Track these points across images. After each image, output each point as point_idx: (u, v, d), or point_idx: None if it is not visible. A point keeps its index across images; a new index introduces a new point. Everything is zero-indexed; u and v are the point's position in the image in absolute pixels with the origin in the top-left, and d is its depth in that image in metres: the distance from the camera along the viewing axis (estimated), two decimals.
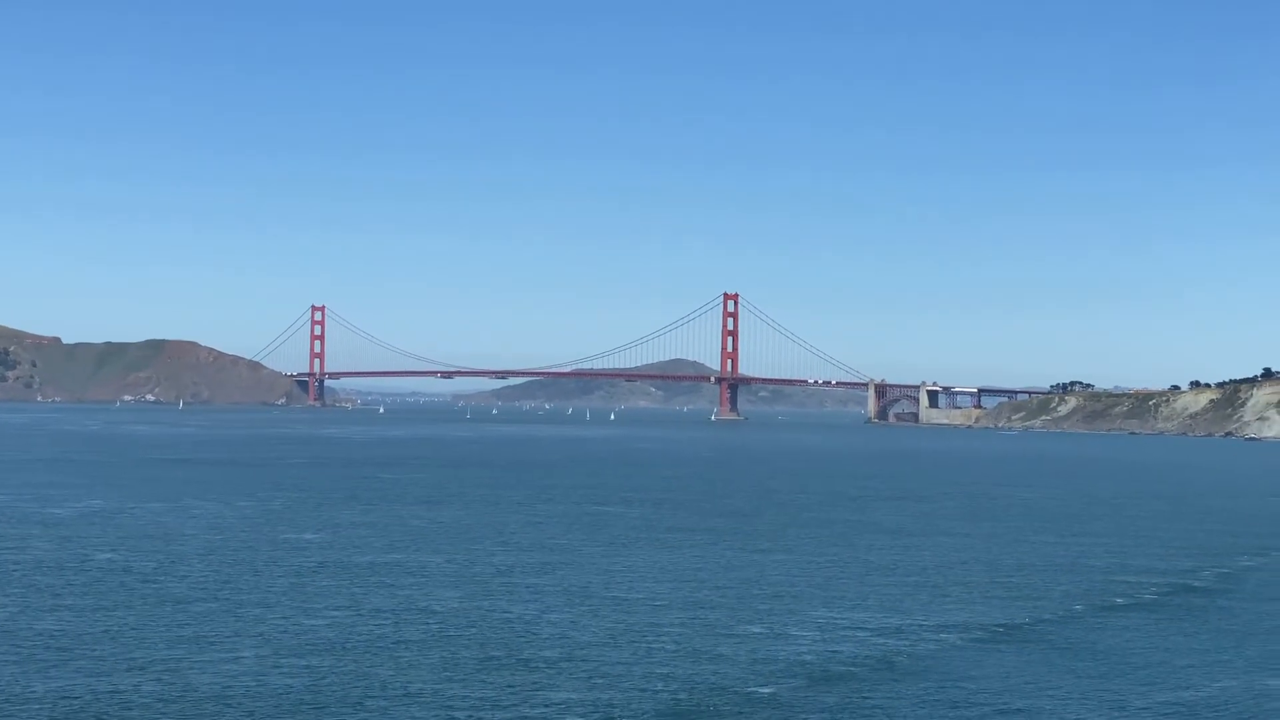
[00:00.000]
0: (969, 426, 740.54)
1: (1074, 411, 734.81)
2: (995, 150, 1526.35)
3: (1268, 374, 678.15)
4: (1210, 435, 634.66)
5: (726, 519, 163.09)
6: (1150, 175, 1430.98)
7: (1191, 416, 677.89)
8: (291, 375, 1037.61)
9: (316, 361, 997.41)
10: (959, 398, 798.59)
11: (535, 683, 71.17)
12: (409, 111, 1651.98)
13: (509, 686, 70.10)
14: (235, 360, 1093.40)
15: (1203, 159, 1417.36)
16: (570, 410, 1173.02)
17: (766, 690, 70.54)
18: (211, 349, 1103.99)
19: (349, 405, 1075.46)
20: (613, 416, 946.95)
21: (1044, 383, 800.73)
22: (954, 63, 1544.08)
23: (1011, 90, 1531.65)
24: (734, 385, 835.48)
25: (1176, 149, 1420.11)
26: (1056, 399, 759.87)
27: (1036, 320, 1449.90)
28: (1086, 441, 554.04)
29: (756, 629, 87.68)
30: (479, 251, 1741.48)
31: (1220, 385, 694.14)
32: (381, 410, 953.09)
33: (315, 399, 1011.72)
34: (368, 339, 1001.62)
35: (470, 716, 64.20)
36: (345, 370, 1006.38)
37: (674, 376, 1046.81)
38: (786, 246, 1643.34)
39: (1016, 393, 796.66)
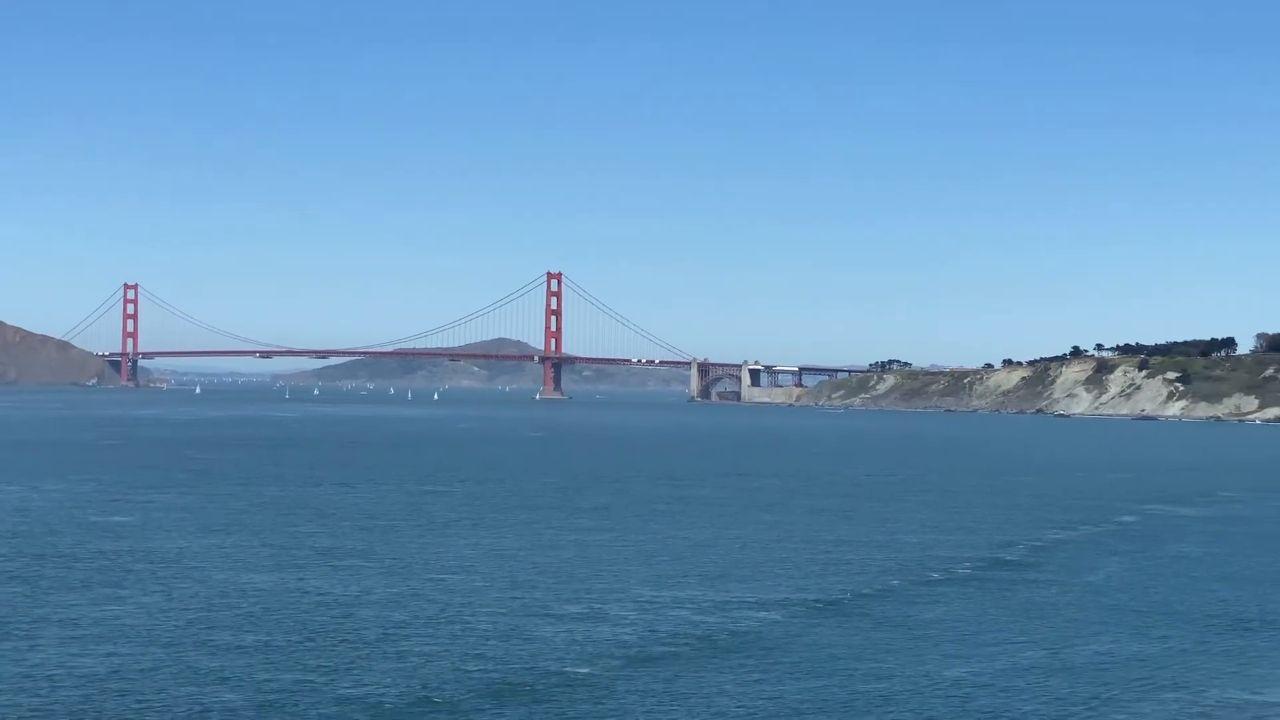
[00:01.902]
0: (790, 405, 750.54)
1: (892, 390, 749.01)
2: (812, 132, 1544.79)
3: (1076, 352, 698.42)
4: (1022, 412, 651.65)
5: (549, 498, 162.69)
6: (962, 159, 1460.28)
7: (1004, 394, 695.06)
8: (104, 355, 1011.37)
9: (129, 341, 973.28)
10: (780, 376, 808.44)
11: (351, 664, 70.04)
12: (226, 80, 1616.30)
13: (324, 668, 68.88)
14: (44, 339, 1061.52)
15: (1013, 145, 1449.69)
16: (393, 390, 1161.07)
17: (584, 670, 70.25)
18: (18, 328, 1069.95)
19: (163, 385, 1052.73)
20: (436, 396, 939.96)
21: (863, 361, 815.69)
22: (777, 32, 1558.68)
23: (840, 84, 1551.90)
24: (558, 365, 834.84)
25: (983, 126, 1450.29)
26: (875, 377, 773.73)
27: (856, 300, 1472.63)
28: (904, 419, 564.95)
29: (576, 608, 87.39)
30: (299, 228, 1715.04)
31: (1032, 364, 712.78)
32: (197, 390, 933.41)
33: (128, 379, 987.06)
34: (183, 318, 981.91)
35: (284, 699, 62.90)
36: (159, 350, 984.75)
37: (498, 356, 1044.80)
38: (610, 226, 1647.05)
39: (836, 371, 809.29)
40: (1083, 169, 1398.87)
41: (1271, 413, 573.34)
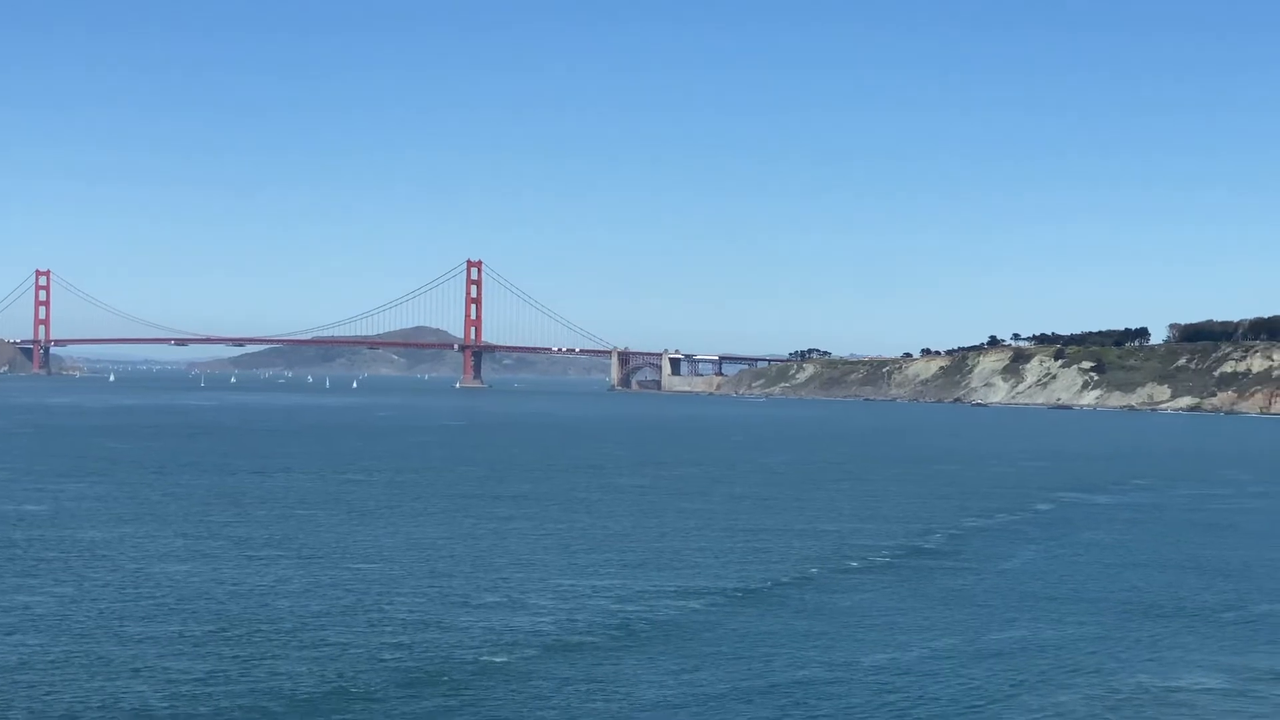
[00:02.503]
0: (711, 394, 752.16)
1: (812, 378, 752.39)
2: (731, 118, 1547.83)
3: (993, 342, 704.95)
4: (940, 401, 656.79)
5: (468, 487, 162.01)
6: (873, 155, 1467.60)
7: (923, 383, 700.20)
8: (15, 343, 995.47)
9: (41, 328, 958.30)
10: (701, 365, 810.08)
11: (266, 654, 69.32)
12: (143, 65, 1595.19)
13: (239, 658, 68.12)
14: None
15: (932, 132, 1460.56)
16: (311, 378, 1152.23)
17: (501, 659, 69.93)
18: None
19: (76, 373, 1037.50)
20: (355, 384, 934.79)
21: (783, 350, 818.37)
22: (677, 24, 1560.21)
23: (759, 68, 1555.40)
24: (478, 353, 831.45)
25: (901, 112, 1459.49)
26: (795, 366, 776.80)
27: (776, 289, 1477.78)
28: (823, 408, 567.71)
29: (494, 598, 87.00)
30: (216, 215, 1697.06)
31: (950, 353, 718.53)
32: (111, 378, 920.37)
33: (40, 367, 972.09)
34: (97, 305, 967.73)
35: (198, 689, 62.11)
36: (73, 337, 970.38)
37: (417, 344, 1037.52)
38: (530, 214, 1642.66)
39: (757, 360, 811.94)
40: (999, 158, 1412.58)
41: (1183, 402, 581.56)
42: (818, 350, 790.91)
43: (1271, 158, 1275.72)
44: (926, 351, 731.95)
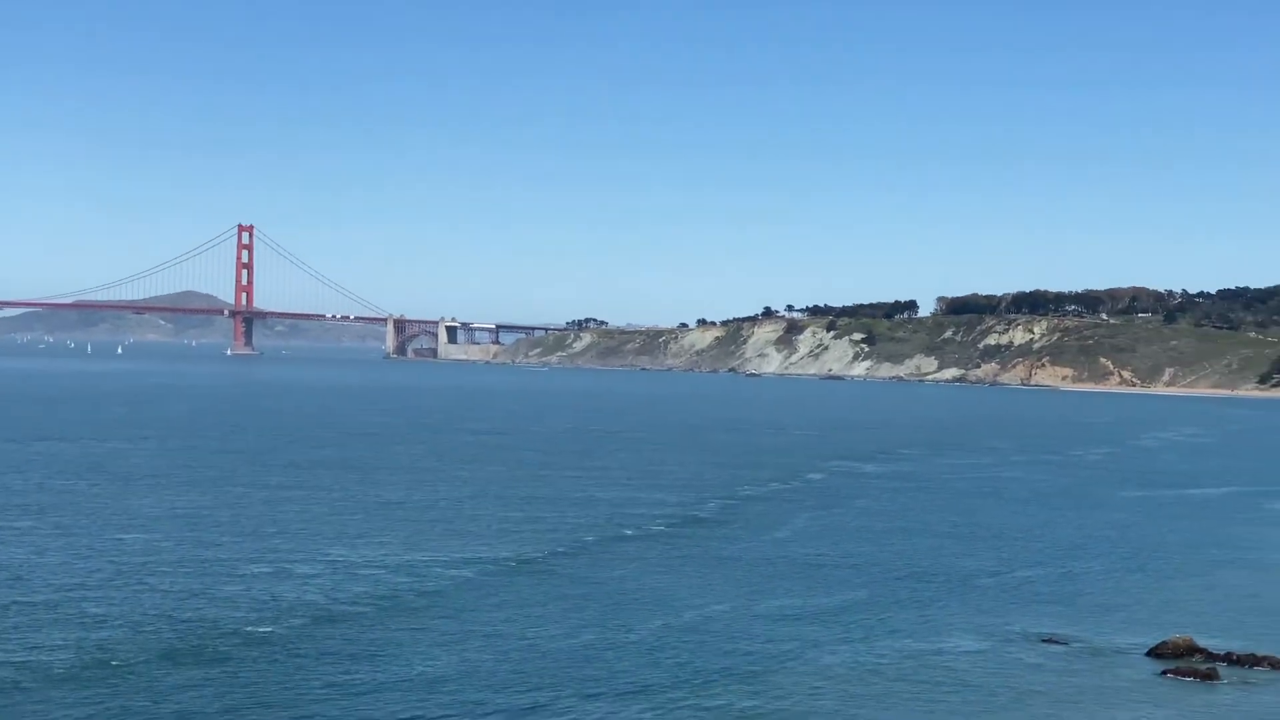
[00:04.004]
0: (488, 362, 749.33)
1: (589, 348, 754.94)
2: (511, 90, 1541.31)
3: (768, 313, 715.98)
4: (715, 371, 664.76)
5: (239, 456, 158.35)
6: (646, 122, 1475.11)
7: (699, 353, 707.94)
8: None
9: None
10: (478, 334, 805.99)
11: (20, 627, 66.58)
12: None
13: None
14: None
15: (700, 107, 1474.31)
16: (72, 344, 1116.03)
17: (266, 629, 68.40)
18: None
19: None
20: (120, 350, 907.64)
21: (560, 319, 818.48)
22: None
23: (543, 45, 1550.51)
24: (249, 319, 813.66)
25: (674, 87, 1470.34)
26: (572, 335, 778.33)
27: (553, 258, 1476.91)
28: (601, 376, 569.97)
29: (261, 567, 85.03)
30: None
31: (725, 324, 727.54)
32: None
33: None
34: None
35: None
36: None
37: (185, 310, 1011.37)
38: (304, 180, 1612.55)
39: (534, 329, 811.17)
40: (779, 128, 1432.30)
41: (949, 373, 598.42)
42: (595, 320, 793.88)
43: (1036, 135, 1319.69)
44: (702, 322, 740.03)
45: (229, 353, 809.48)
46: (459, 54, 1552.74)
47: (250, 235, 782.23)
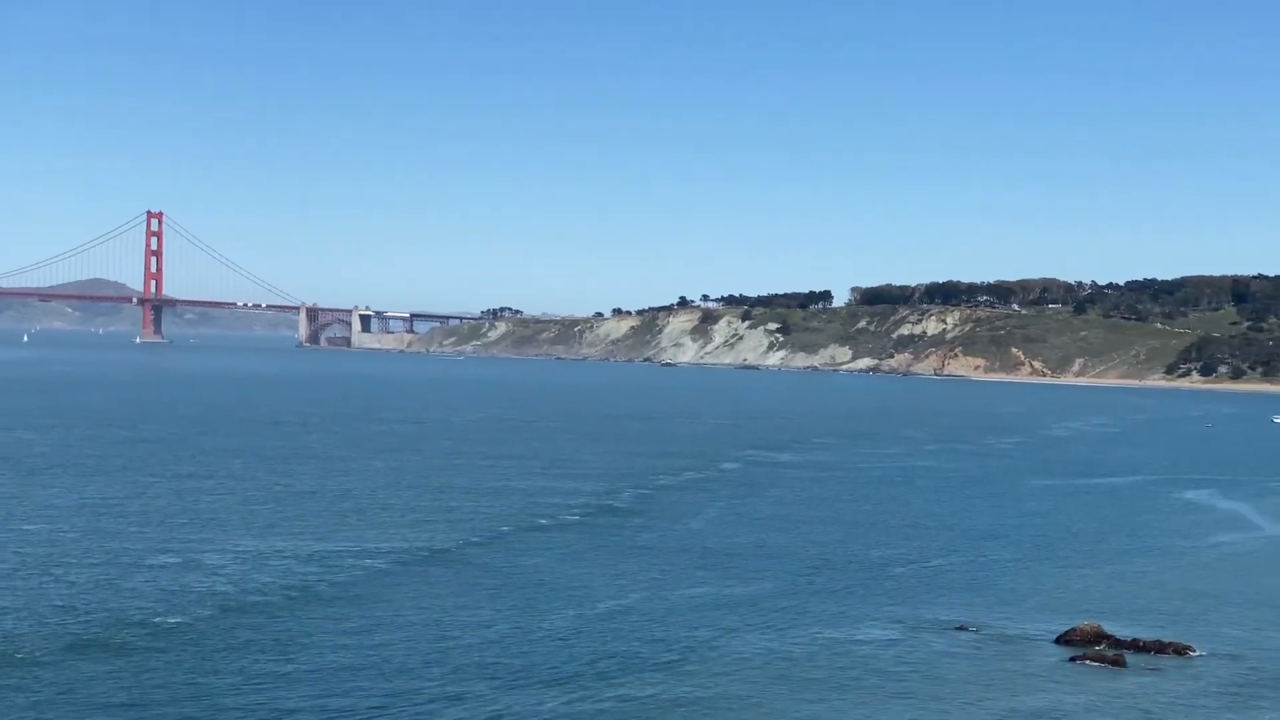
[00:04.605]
0: (402, 351, 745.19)
1: (504, 337, 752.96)
2: (424, 77, 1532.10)
3: (683, 303, 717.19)
4: (631, 360, 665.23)
5: (148, 445, 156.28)
6: (555, 108, 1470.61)
7: (614, 342, 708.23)
8: None
9: None
10: (392, 323, 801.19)
11: None
12: None
13: None
14: None
15: (610, 94, 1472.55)
16: None
17: (176, 620, 67.51)
18: None
19: None
20: (25, 338, 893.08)
21: (475, 308, 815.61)
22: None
23: (448, 39, 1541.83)
24: (158, 307, 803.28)
25: (573, 86, 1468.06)
26: (487, 325, 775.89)
27: (468, 247, 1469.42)
28: (516, 366, 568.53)
29: (171, 559, 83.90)
30: None
31: (640, 313, 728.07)
32: None
33: None
34: None
35: None
36: None
37: (93, 297, 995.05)
38: (215, 167, 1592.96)
39: (449, 318, 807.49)
40: (683, 120, 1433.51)
41: (863, 363, 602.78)
42: (510, 309, 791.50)
43: (949, 127, 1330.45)
44: (618, 311, 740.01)
45: (138, 341, 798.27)
46: (370, 41, 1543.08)
47: (160, 222, 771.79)
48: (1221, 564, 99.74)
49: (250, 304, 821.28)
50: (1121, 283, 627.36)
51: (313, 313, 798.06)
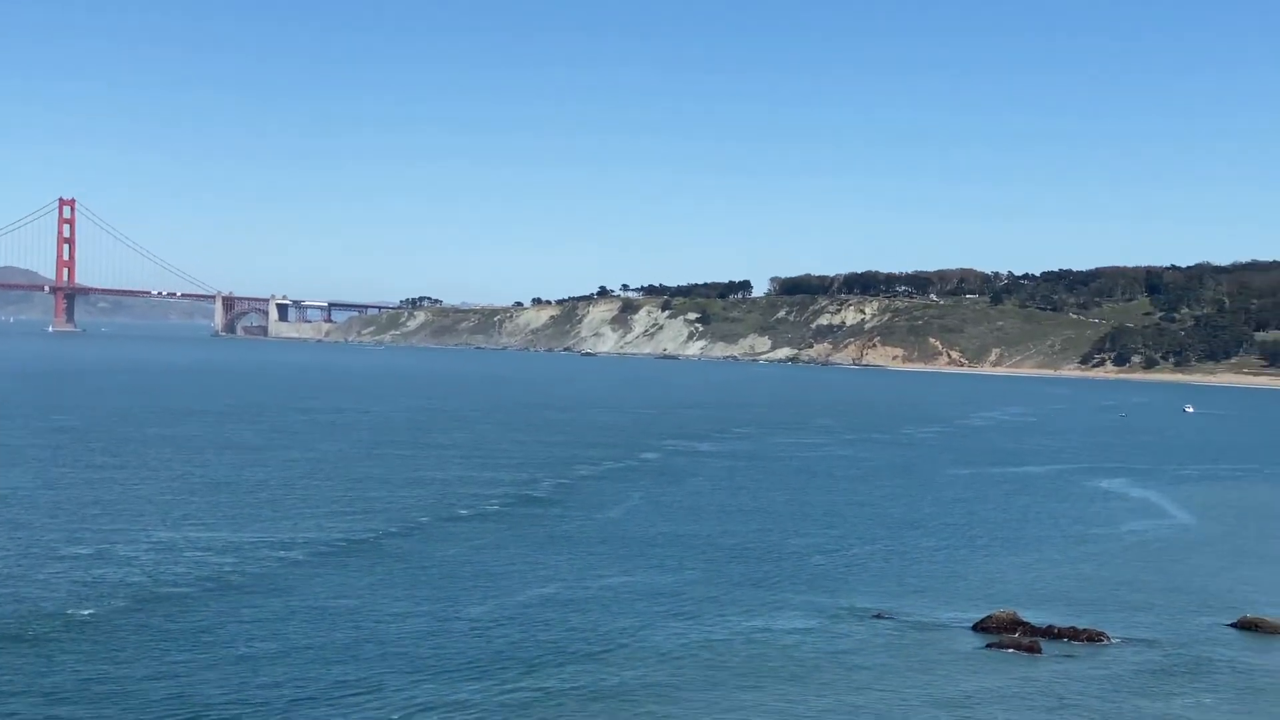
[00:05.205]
0: (320, 340, 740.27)
1: (423, 326, 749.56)
2: (343, 67, 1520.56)
3: (603, 292, 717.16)
4: (551, 350, 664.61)
5: (60, 435, 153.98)
6: (486, 100, 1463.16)
7: (534, 332, 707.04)
8: None
9: None
10: (309, 312, 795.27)
11: None
12: None
13: None
14: None
15: (530, 86, 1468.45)
16: None
17: (88, 612, 66.51)
18: None
19: None
20: None
21: (394, 298, 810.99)
22: None
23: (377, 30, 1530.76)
24: (71, 295, 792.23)
25: (496, 76, 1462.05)
26: (406, 314, 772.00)
27: (387, 235, 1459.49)
28: (436, 355, 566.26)
29: (84, 550, 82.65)
30: None
31: (560, 303, 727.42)
32: None
33: None
34: None
35: None
36: None
37: (3, 285, 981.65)
38: (129, 153, 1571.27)
39: (367, 308, 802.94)
40: (605, 109, 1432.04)
41: (783, 353, 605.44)
42: (429, 299, 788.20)
43: (865, 119, 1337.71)
44: (538, 301, 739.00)
45: (50, 330, 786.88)
46: (289, 28, 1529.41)
47: (72, 209, 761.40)
48: (1135, 552, 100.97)
49: (165, 292, 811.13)
50: (1037, 273, 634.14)
51: (229, 301, 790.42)
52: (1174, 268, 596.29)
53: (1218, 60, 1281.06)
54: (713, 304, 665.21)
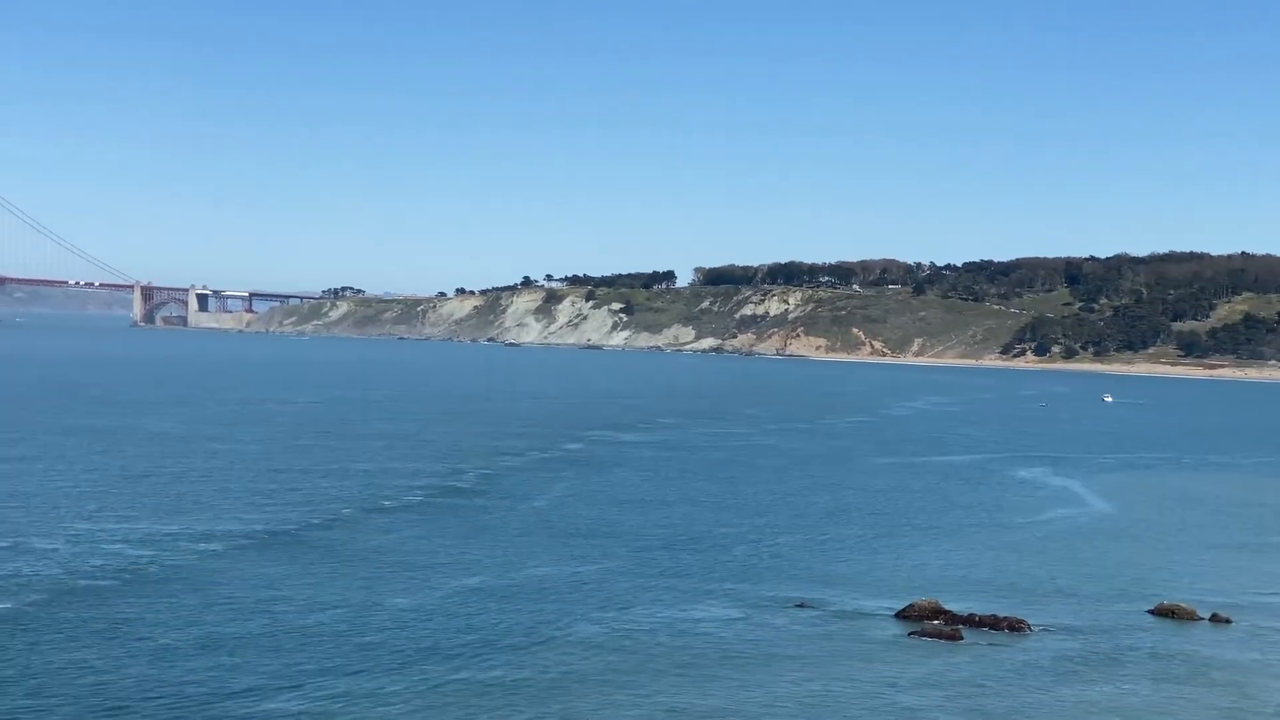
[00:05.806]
0: (241, 331, 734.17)
1: (345, 316, 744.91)
2: (272, 55, 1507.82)
3: (527, 283, 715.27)
4: (475, 340, 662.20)
5: None
6: (410, 93, 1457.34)
7: (458, 322, 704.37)
8: None
9: None
10: (230, 302, 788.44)
11: None
12: None
13: None
14: None
15: (458, 79, 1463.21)
16: None
17: (3, 606, 65.44)
18: None
19: None
20: None
21: (316, 288, 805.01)
22: None
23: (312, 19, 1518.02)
24: None
25: (435, 66, 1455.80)
26: (328, 304, 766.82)
27: (309, 225, 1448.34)
28: (358, 346, 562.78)
29: None
30: None
31: (484, 293, 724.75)
32: None
33: None
34: None
35: None
36: None
37: None
38: (46, 138, 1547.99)
39: (289, 297, 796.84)
40: (531, 100, 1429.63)
41: (707, 343, 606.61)
42: (351, 289, 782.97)
43: (789, 111, 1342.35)
44: (461, 291, 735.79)
45: None
46: (209, 11, 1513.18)
47: None
48: (1055, 540, 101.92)
49: (83, 282, 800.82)
50: (959, 264, 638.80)
51: (148, 292, 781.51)
52: (1093, 259, 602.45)
53: (1132, 56, 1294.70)
54: (637, 294, 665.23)
